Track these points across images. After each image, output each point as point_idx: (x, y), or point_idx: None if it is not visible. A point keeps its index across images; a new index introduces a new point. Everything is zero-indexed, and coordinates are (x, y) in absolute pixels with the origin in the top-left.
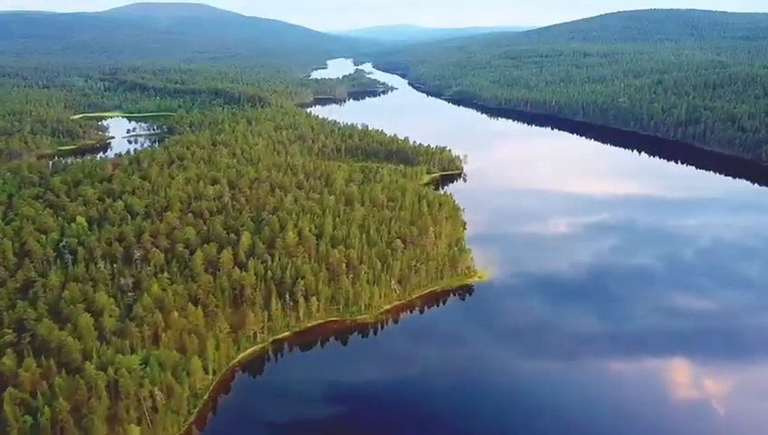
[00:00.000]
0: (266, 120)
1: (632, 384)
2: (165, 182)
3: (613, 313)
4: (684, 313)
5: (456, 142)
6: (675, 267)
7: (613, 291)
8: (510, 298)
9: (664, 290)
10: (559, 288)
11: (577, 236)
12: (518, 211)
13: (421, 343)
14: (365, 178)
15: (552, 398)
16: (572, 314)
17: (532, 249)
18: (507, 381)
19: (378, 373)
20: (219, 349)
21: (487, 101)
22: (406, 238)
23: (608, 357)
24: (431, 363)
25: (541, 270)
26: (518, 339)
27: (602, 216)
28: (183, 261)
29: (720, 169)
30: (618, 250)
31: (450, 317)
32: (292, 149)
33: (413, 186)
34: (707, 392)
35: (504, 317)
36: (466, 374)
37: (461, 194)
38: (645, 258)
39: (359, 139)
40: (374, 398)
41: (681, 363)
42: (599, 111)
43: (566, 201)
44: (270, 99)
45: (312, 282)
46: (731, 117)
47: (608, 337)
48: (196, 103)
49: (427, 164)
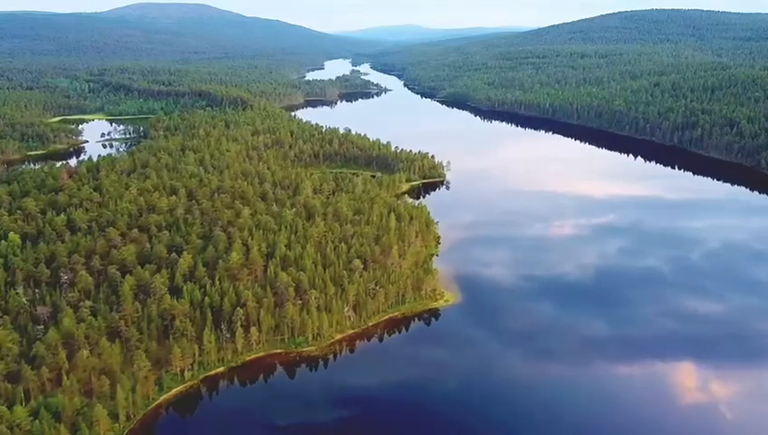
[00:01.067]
0: (245, 123)
1: (638, 393)
2: (117, 193)
3: (602, 342)
4: (679, 316)
5: (442, 147)
6: (657, 278)
7: (602, 315)
8: (481, 323)
9: (652, 300)
10: (535, 309)
11: (561, 250)
12: (501, 222)
13: (374, 376)
14: (337, 188)
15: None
16: (552, 342)
17: (512, 266)
18: (474, 416)
19: (323, 413)
20: (136, 391)
21: (480, 103)
22: (366, 258)
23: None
24: (385, 399)
25: (519, 288)
26: (485, 370)
27: (591, 224)
28: (114, 285)
29: (718, 176)
30: (613, 260)
31: (410, 347)
32: (266, 155)
33: (384, 197)
34: (717, 397)
35: (471, 345)
36: (428, 411)
37: (440, 203)
38: (636, 270)
39: (338, 144)
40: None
41: (690, 367)
42: (593, 114)
43: (553, 209)
44: (253, 101)
45: (255, 309)
46: (729, 121)
47: (600, 362)
48: (179, 106)
49: (407, 171)
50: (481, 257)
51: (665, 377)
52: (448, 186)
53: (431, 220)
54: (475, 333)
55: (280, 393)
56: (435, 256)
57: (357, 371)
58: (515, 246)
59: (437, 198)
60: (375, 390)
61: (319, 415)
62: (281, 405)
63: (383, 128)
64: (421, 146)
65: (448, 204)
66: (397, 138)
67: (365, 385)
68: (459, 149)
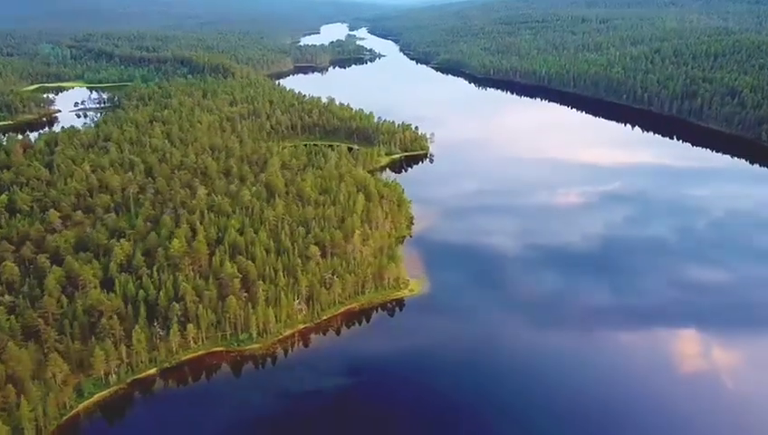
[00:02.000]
0: (224, 92)
1: (641, 362)
2: (69, 171)
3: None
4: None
5: (431, 117)
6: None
7: (587, 308)
8: (449, 314)
9: (652, 269)
10: (507, 298)
11: (551, 222)
12: (483, 199)
13: (323, 375)
14: (308, 163)
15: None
16: (522, 338)
17: (488, 247)
18: (436, 412)
19: (265, 415)
20: (48, 399)
21: (475, 71)
22: (325, 244)
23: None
24: (339, 397)
25: (495, 271)
26: (449, 363)
27: (580, 198)
28: (42, 277)
29: (717, 148)
30: (597, 246)
31: (368, 341)
32: (241, 127)
33: (356, 174)
34: (721, 365)
35: (435, 338)
36: (387, 407)
37: (420, 179)
38: (637, 240)
39: (318, 115)
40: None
41: (694, 336)
42: (590, 82)
43: (540, 182)
44: (235, 69)
45: (195, 304)
46: (731, 90)
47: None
48: (160, 73)
49: (387, 144)
50: (457, 239)
51: (668, 345)
52: (432, 159)
53: (404, 199)
54: (440, 325)
55: (218, 396)
56: (406, 238)
57: (305, 369)
58: (495, 224)
59: (418, 173)
60: (327, 388)
61: (261, 418)
62: (218, 409)
63: (371, 96)
64: (409, 116)
65: (428, 179)
66: (384, 107)
67: (314, 384)
68: (448, 119)
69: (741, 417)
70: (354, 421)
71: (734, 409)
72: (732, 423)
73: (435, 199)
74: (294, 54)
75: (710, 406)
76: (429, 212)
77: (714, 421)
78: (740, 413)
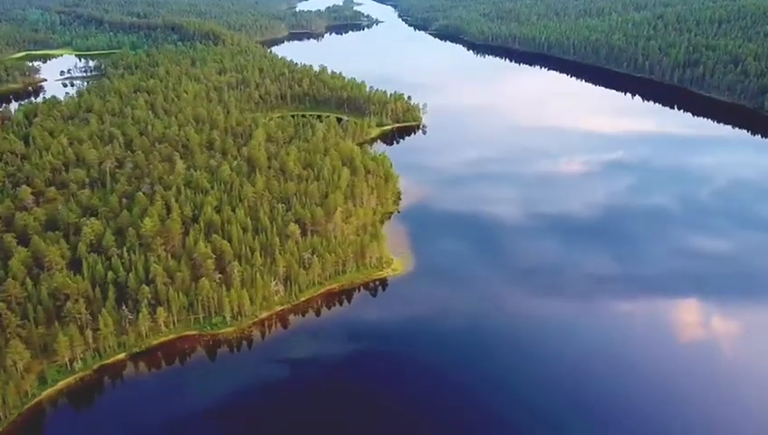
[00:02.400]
0: (213, 60)
1: (641, 330)
2: (45, 144)
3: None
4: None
5: (426, 85)
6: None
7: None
8: (432, 293)
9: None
10: (497, 272)
11: (547, 190)
12: (474, 172)
13: (301, 358)
14: (295, 135)
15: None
16: (505, 327)
17: (477, 225)
18: (420, 394)
19: (238, 401)
20: (7, 388)
21: (474, 37)
22: (306, 222)
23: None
24: (307, 383)
25: (483, 250)
26: (432, 343)
27: (581, 167)
28: (7, 258)
29: (718, 118)
30: (586, 235)
31: (348, 323)
32: (228, 96)
33: (344, 146)
34: (720, 334)
35: (418, 315)
36: (368, 392)
37: (411, 151)
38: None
39: (308, 84)
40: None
41: (696, 304)
42: (590, 49)
43: (533, 156)
44: (226, 36)
45: (166, 286)
46: (734, 58)
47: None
48: (149, 40)
49: (379, 115)
50: (445, 214)
51: (669, 314)
52: (425, 130)
53: (392, 173)
54: (424, 303)
55: (190, 381)
56: (394, 214)
57: (282, 352)
58: (485, 199)
59: (410, 145)
60: (306, 371)
61: (236, 403)
62: (190, 394)
63: (366, 64)
64: (405, 84)
65: (419, 151)
66: (379, 76)
67: (292, 367)
68: (444, 88)
69: (740, 385)
70: (335, 404)
71: (733, 377)
72: (731, 391)
73: (424, 173)
74: (289, 20)
75: (710, 374)
76: (418, 186)
77: (713, 390)
78: (739, 382)
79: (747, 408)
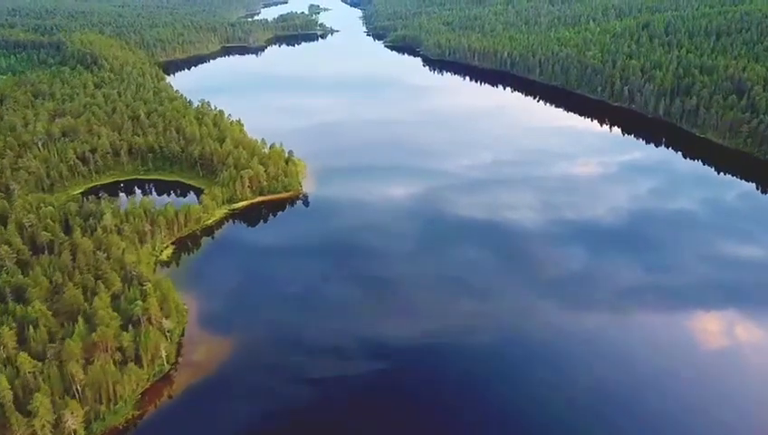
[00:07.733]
0: (62, 94)
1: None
2: None
3: None
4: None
5: (345, 123)
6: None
7: None
8: None
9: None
10: None
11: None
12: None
13: None
14: (76, 224)
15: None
16: None
17: None
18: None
19: None
20: None
21: (429, 51)
22: None
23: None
24: None
25: None
26: None
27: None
28: None
29: (717, 167)
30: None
31: None
32: (37, 155)
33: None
34: (753, 346)
35: None
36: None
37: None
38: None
39: (156, 135)
40: None
41: (726, 314)
42: (559, 68)
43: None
44: (106, 55)
45: None
46: (737, 86)
47: None
48: (33, 62)
49: (233, 181)
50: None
51: (697, 324)
52: (307, 202)
53: (172, 287)
54: None
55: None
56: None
57: None
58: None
59: (264, 238)
60: None
61: None
62: None
63: (288, 88)
64: (312, 124)
65: (268, 253)
66: (281, 108)
67: None
68: (369, 124)
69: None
70: None
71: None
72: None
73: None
74: (223, 33)
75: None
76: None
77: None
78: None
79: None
